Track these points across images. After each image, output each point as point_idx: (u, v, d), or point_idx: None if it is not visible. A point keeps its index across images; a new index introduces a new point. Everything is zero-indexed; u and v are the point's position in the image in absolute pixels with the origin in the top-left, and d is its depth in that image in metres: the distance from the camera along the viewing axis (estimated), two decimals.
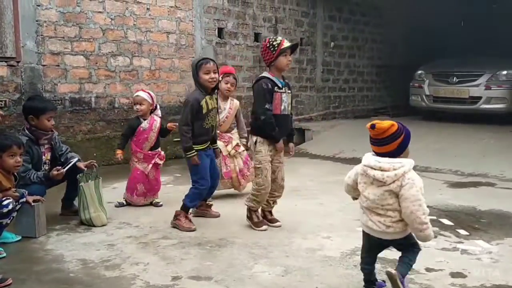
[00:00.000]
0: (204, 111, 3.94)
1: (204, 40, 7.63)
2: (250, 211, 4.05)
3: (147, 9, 6.86)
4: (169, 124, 4.77)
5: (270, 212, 4.16)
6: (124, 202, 4.73)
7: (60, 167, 4.00)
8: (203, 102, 3.93)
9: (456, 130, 8.85)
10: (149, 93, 4.75)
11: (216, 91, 4.21)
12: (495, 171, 6.23)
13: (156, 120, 4.72)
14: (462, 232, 3.96)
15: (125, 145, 4.73)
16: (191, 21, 7.42)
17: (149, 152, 4.68)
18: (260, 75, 3.94)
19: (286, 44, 3.80)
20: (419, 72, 10.29)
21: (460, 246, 3.64)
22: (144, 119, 4.68)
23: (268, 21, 8.74)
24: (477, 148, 7.43)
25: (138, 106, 4.68)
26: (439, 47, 10.96)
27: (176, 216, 4.02)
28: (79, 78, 6.28)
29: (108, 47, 6.51)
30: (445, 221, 4.24)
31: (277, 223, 4.09)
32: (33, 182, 3.90)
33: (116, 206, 4.65)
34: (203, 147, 4.03)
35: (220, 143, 4.67)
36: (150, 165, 4.66)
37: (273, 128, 3.81)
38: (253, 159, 3.99)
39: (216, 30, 7.85)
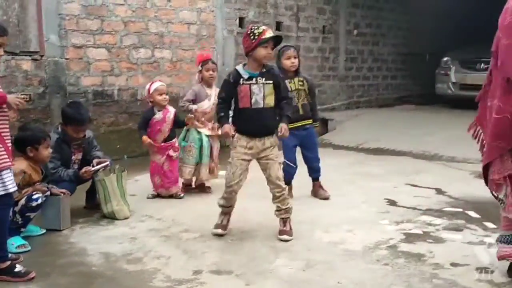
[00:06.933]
0: None
1: (225, 30, 7.58)
2: (220, 213, 3.74)
3: (168, 0, 6.84)
4: (186, 119, 4.71)
5: (284, 221, 3.67)
6: (155, 193, 4.72)
7: (89, 167, 4.05)
8: None
9: None
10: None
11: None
12: None
13: (170, 111, 4.69)
14: (490, 225, 3.85)
15: (146, 134, 4.66)
16: (212, 11, 7.37)
17: (162, 144, 4.63)
18: None
19: (269, 34, 3.48)
20: (445, 59, 10.05)
21: (487, 240, 3.53)
22: (159, 110, 4.65)
23: (289, 9, 8.63)
24: None
25: (165, 96, 4.64)
26: (465, 34, 10.67)
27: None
28: (101, 71, 6.31)
29: (130, 39, 6.52)
30: (472, 214, 4.13)
31: (284, 236, 3.58)
32: (63, 180, 3.96)
33: (148, 198, 4.67)
34: (290, 126, 3.90)
35: (205, 131, 4.80)
36: (164, 157, 4.62)
37: (216, 113, 3.72)
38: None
39: (237, 20, 7.78)
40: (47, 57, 5.84)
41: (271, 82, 3.58)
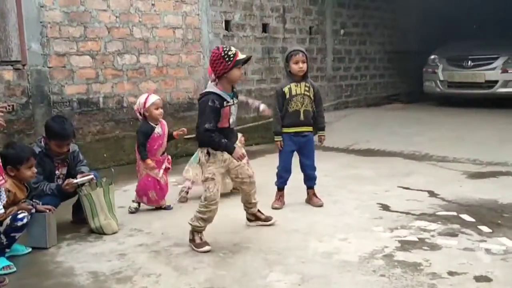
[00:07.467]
0: (287, 96, 4.38)
1: (211, 33, 7.48)
2: (193, 233, 3.60)
3: (152, 4, 6.72)
4: (175, 133, 4.61)
5: (259, 211, 4.06)
6: (138, 206, 4.57)
7: (71, 179, 3.93)
8: (286, 89, 4.40)
9: (473, 116, 8.65)
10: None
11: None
12: None
13: (164, 123, 4.58)
14: (484, 229, 3.81)
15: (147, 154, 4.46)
16: (198, 14, 7.26)
17: (160, 157, 4.52)
18: (205, 90, 3.60)
19: (241, 56, 3.54)
20: (433, 57, 10.04)
21: (483, 245, 3.48)
22: (156, 124, 4.51)
23: (276, 11, 8.55)
24: (495, 134, 7.22)
25: (161, 110, 4.49)
26: (452, 31, 10.66)
27: None
28: (86, 79, 6.18)
29: (114, 45, 6.39)
30: (466, 217, 4.08)
31: (272, 221, 4.03)
32: (46, 194, 3.84)
33: (130, 212, 4.52)
34: (289, 130, 4.43)
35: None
36: (162, 171, 4.48)
37: (219, 143, 3.48)
38: (204, 171, 3.60)
39: (223, 22, 7.68)
40: (29, 66, 5.70)
41: (237, 101, 3.70)
